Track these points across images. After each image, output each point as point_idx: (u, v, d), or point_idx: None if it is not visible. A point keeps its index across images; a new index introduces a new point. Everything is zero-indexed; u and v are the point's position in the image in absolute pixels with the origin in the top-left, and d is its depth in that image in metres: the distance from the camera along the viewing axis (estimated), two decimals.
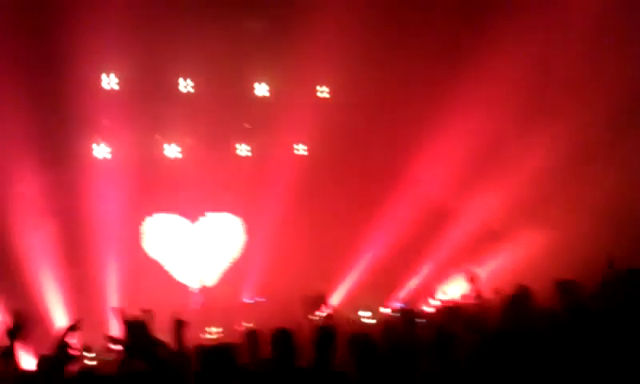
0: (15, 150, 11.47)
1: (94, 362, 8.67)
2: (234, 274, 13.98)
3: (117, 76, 13.05)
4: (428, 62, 13.09)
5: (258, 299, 13.59)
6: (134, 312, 6.19)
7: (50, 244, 12.03)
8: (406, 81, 13.23)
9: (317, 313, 9.71)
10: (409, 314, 7.37)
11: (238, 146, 14.30)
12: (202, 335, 11.75)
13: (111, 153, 13.28)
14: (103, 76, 13.05)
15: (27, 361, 8.05)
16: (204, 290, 13.92)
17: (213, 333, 12.30)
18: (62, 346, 5.47)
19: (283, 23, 13.25)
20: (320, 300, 9.94)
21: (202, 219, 14.23)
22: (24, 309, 5.27)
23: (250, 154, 14.37)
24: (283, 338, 5.07)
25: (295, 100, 13.70)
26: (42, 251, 11.93)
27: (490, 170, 12.63)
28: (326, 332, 5.14)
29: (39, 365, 6.70)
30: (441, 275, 13.08)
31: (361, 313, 12.31)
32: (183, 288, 13.84)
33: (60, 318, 11.73)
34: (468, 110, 12.52)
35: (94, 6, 11.72)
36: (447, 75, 12.68)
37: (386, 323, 7.47)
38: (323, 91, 14.41)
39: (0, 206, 11.40)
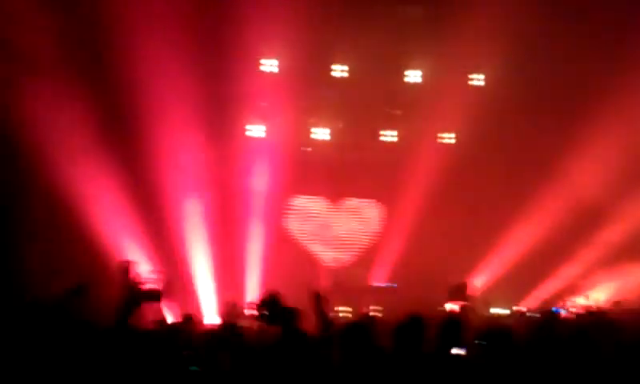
0: (179, 125, 12.38)
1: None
2: (370, 258, 14.18)
3: (276, 60, 13.62)
4: (588, 56, 12.48)
5: (389, 285, 13.72)
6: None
7: (202, 214, 12.93)
8: (563, 73, 12.69)
9: (455, 302, 9.61)
10: (550, 315, 7.15)
11: (385, 131, 14.39)
12: (331, 313, 12.09)
13: (265, 132, 13.91)
14: (263, 60, 13.66)
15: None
16: (339, 270, 14.31)
17: (342, 312, 12.61)
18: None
19: (440, 10, 13.18)
20: (461, 289, 9.81)
21: (343, 203, 14.58)
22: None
23: (396, 139, 14.40)
24: (414, 324, 5.11)
25: (447, 88, 13.50)
26: (195, 220, 12.87)
27: None
28: (453, 321, 5.15)
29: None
30: (585, 278, 12.46)
31: (495, 309, 12.00)
32: (319, 266, 14.31)
33: (204, 283, 12.66)
34: (628, 108, 11.76)
35: None
36: (608, 69, 12.00)
37: (527, 321, 7.29)
38: (477, 79, 14.09)
39: (160, 175, 12.37)
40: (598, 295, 11.65)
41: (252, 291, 12.45)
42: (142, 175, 12.22)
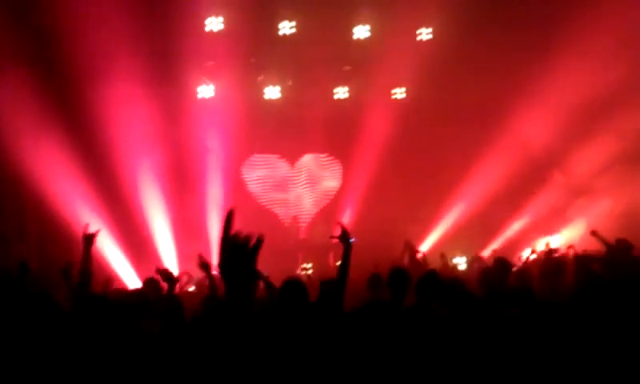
0: (126, 86, 12.03)
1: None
2: (329, 214, 14.22)
3: (221, 18, 13.26)
4: (539, 7, 12.52)
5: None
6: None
7: (157, 174, 12.74)
8: (512, 24, 12.68)
9: (411, 256, 9.79)
10: (503, 262, 7.28)
11: (337, 88, 14.25)
12: (296, 270, 12.18)
13: (215, 92, 13.66)
14: (208, 19, 13.28)
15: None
16: (299, 226, 14.34)
17: (306, 268, 12.70)
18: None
19: None
20: (413, 245, 10.02)
21: (299, 160, 14.53)
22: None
23: (348, 95, 14.29)
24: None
25: (397, 42, 13.37)
26: (150, 180, 12.67)
27: (592, 122, 12.13)
28: (401, 273, 5.29)
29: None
30: (536, 227, 12.81)
31: (455, 259, 12.20)
32: (279, 224, 14.30)
33: (163, 245, 12.55)
34: (574, 59, 11.92)
35: None
36: (555, 20, 12.07)
37: (481, 270, 7.42)
38: (424, 33, 13.95)
39: (111, 137, 12.08)
40: (556, 239, 12.00)
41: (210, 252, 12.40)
42: (91, 138, 11.92)
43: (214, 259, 10.45)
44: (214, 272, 6.24)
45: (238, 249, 2.91)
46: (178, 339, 4.67)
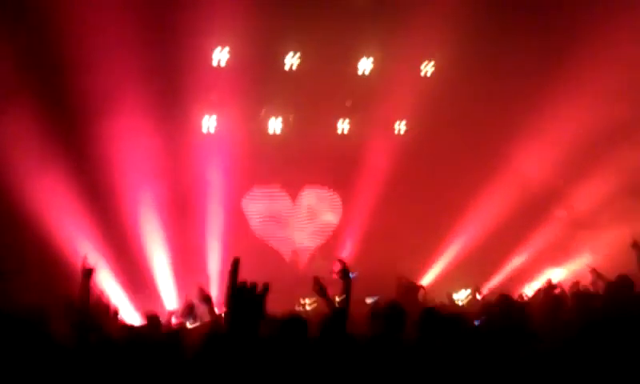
0: (129, 117, 12.06)
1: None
2: (329, 248, 14.21)
3: (225, 51, 13.39)
4: (539, 41, 12.65)
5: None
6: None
7: (159, 207, 12.72)
8: (512, 59, 12.80)
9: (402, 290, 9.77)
10: (506, 299, 7.27)
11: (339, 121, 14.30)
12: (296, 306, 12.10)
13: (217, 126, 13.71)
14: (214, 51, 13.36)
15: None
16: (299, 261, 14.29)
17: (307, 303, 12.61)
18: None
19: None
20: (412, 284, 10.00)
21: (301, 193, 14.54)
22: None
23: (349, 129, 14.32)
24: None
25: (399, 76, 13.49)
26: (152, 214, 12.66)
27: (592, 157, 12.20)
28: (396, 308, 5.27)
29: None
30: (538, 262, 12.79)
31: (456, 294, 12.16)
32: (279, 259, 14.26)
33: (164, 279, 12.49)
34: (575, 93, 12.04)
35: None
36: (556, 56, 12.21)
37: (483, 306, 7.43)
38: (428, 67, 14.02)
39: (113, 170, 12.10)
40: (558, 274, 11.98)
41: (211, 286, 12.34)
42: (93, 171, 11.94)
43: (214, 292, 10.42)
44: (216, 308, 6.22)
45: (245, 296, 2.91)
46: (179, 376, 4.65)
